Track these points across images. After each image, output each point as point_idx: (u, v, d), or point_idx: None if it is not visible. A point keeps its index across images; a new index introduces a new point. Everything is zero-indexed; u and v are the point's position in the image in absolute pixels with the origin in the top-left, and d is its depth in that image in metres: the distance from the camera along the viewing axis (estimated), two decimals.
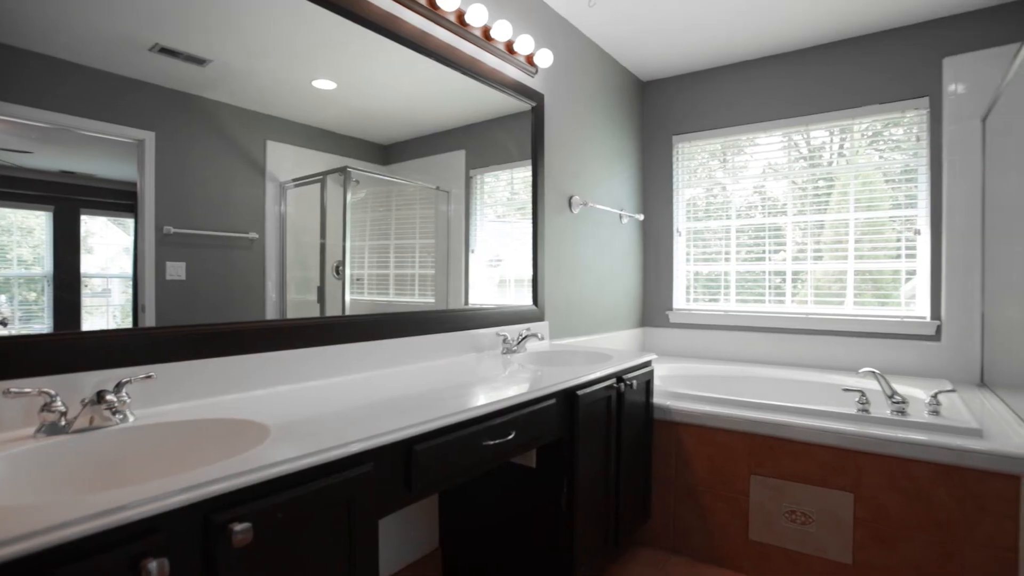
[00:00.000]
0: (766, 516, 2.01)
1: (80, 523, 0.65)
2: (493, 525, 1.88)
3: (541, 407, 1.49)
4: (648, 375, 2.17)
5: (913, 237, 2.76)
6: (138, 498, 0.70)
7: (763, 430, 2.01)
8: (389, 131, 1.81)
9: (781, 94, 3.07)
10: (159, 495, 0.72)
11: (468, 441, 1.24)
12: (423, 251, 1.97)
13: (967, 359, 2.59)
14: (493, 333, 2.16)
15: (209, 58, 1.31)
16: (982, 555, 1.67)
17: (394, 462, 1.09)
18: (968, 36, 2.60)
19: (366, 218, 1.75)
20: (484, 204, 2.24)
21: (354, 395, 1.35)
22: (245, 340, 1.35)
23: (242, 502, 0.81)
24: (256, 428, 1.06)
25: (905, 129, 2.78)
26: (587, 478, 1.77)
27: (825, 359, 2.92)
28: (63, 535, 0.64)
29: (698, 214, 3.39)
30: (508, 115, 2.30)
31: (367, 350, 1.66)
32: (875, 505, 1.83)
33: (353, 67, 1.67)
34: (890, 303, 2.82)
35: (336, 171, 1.65)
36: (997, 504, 1.65)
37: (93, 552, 0.66)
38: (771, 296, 3.15)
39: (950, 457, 1.71)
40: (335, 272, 1.65)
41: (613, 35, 2.86)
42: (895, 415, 1.96)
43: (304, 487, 0.89)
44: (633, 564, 2.13)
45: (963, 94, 2.59)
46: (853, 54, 2.87)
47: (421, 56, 1.87)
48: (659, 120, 3.48)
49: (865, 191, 2.89)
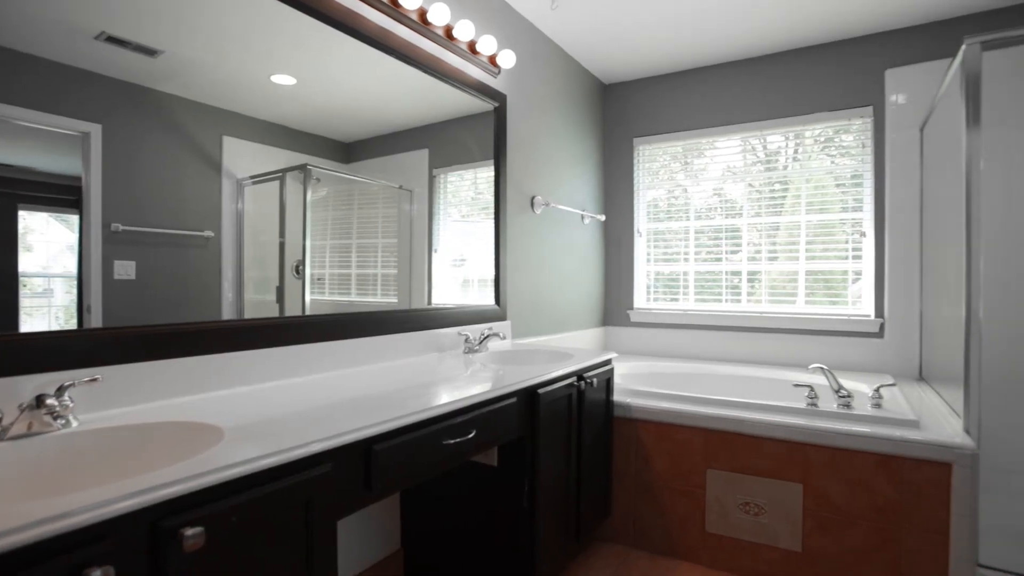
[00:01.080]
0: (722, 508, 2.08)
1: (16, 533, 0.62)
2: (455, 525, 1.88)
3: (502, 406, 1.50)
4: (608, 373, 2.21)
5: (859, 239, 2.90)
6: (81, 505, 0.68)
7: (719, 425, 2.07)
8: (351, 129, 1.79)
9: (738, 99, 3.17)
10: (103, 501, 0.70)
11: (428, 440, 1.24)
12: (386, 251, 1.95)
13: (907, 355, 2.74)
14: (455, 333, 2.16)
15: (160, 49, 1.27)
16: (918, 539, 1.77)
17: (353, 462, 1.08)
18: (908, 49, 2.75)
19: (327, 217, 1.73)
20: (448, 204, 2.24)
21: (314, 395, 1.33)
22: (199, 341, 1.31)
23: (193, 506, 0.80)
24: (209, 431, 1.04)
25: (854, 136, 2.91)
26: (548, 476, 1.79)
27: (778, 356, 3.04)
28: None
29: (659, 215, 3.47)
30: (471, 115, 2.30)
31: (328, 350, 1.64)
32: (822, 495, 1.92)
33: (313, 63, 1.64)
34: (840, 302, 2.95)
35: (296, 168, 1.62)
36: (931, 490, 1.75)
37: (32, 563, 0.64)
38: (728, 295, 3.25)
39: (890, 447, 1.81)
40: (295, 272, 1.62)
41: (576, 38, 2.90)
42: (841, 409, 2.05)
43: (259, 489, 0.88)
44: (594, 559, 2.17)
45: (904, 104, 2.74)
46: (805, 63, 2.99)
47: (383, 54, 1.86)
48: (620, 122, 3.54)
49: (817, 194, 3.01)
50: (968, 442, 1.72)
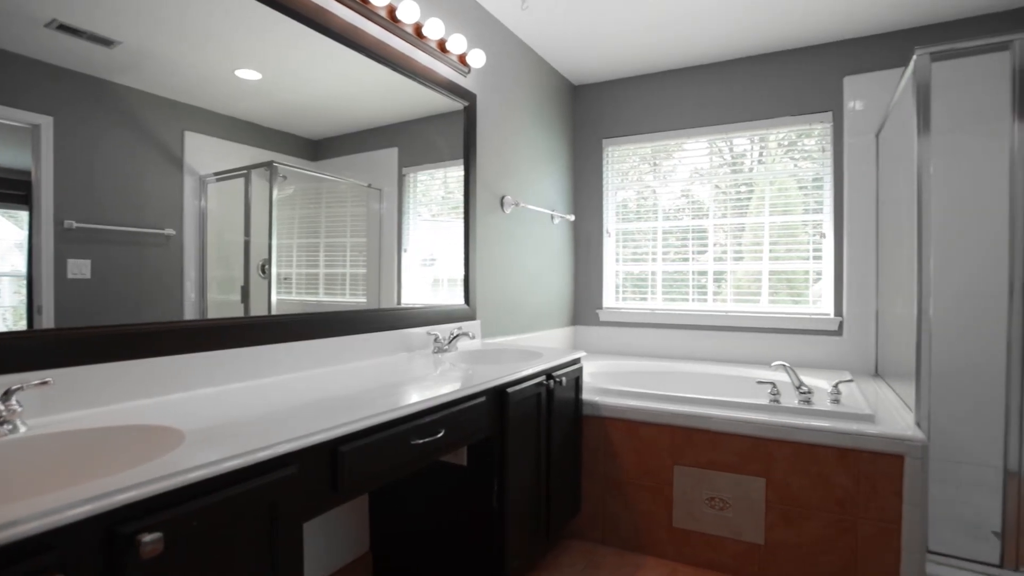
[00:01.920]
0: (688, 504, 2.12)
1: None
2: (424, 525, 1.87)
3: (471, 405, 1.50)
4: (577, 372, 2.23)
5: (820, 240, 3.00)
6: (31, 512, 0.65)
7: (685, 422, 2.11)
8: (319, 126, 1.76)
9: (705, 102, 3.23)
10: (55, 508, 0.67)
11: (396, 440, 1.24)
12: (354, 250, 1.93)
13: (864, 352, 2.84)
14: (424, 332, 2.15)
15: (117, 40, 1.23)
16: (872, 528, 1.84)
17: (320, 463, 1.07)
18: (865, 58, 2.85)
19: (294, 215, 1.70)
20: (418, 203, 2.22)
21: (280, 396, 1.31)
22: (159, 342, 1.28)
23: (151, 511, 0.77)
24: (169, 433, 1.01)
25: (816, 140, 3.00)
26: (518, 475, 1.79)
27: (743, 354, 3.11)
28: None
29: (629, 216, 3.51)
30: (441, 114, 2.29)
31: (294, 350, 1.62)
32: (784, 488, 1.97)
33: (280, 58, 1.61)
34: (802, 301, 3.05)
35: (261, 165, 1.59)
36: (885, 482, 1.82)
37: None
38: (695, 295, 3.31)
39: (847, 441, 1.87)
40: (261, 271, 1.59)
41: (546, 38, 2.91)
42: (802, 405, 2.12)
43: (222, 492, 0.86)
44: (564, 556, 2.18)
45: (861, 110, 2.84)
46: (768, 68, 3.07)
47: (352, 51, 1.84)
48: (590, 124, 3.57)
49: (781, 196, 3.10)
50: (919, 435, 1.80)
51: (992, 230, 2.53)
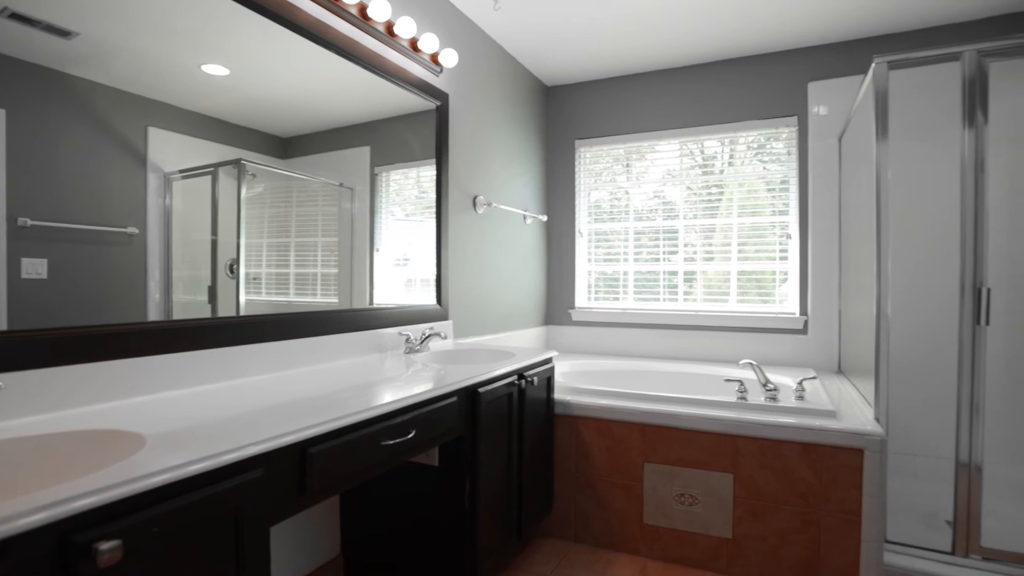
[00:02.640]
0: (658, 500, 2.16)
1: None
2: (397, 526, 1.86)
3: (442, 405, 1.50)
4: (549, 371, 2.25)
5: (786, 241, 3.07)
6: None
7: (655, 420, 2.15)
8: (289, 124, 1.73)
9: (676, 105, 3.28)
10: (6, 516, 0.65)
11: (366, 442, 1.23)
12: (326, 249, 1.91)
13: (828, 349, 2.93)
14: (396, 333, 2.14)
15: (75, 30, 1.19)
16: (834, 520, 1.90)
17: (287, 466, 1.06)
18: (828, 65, 2.93)
19: (264, 214, 1.67)
20: (391, 202, 2.21)
21: (248, 398, 1.29)
22: (122, 343, 1.24)
23: (109, 518, 0.75)
24: (129, 438, 0.99)
25: (783, 143, 3.08)
26: (490, 474, 1.80)
27: (712, 352, 3.17)
28: None
29: (602, 216, 3.55)
30: (413, 113, 2.28)
31: (264, 351, 1.59)
32: (751, 483, 2.02)
33: (248, 54, 1.58)
34: (770, 301, 3.12)
35: (229, 163, 1.56)
36: (846, 475, 1.88)
37: None
38: (666, 295, 3.36)
39: (811, 436, 1.93)
40: (229, 271, 1.56)
41: (518, 39, 2.92)
42: (768, 402, 2.17)
43: (184, 497, 0.84)
44: (537, 555, 2.20)
45: (824, 115, 2.92)
46: (737, 73, 3.13)
47: (322, 48, 1.81)
48: (562, 125, 3.60)
49: (750, 198, 3.17)
50: (878, 429, 1.86)
51: (945, 232, 2.63)
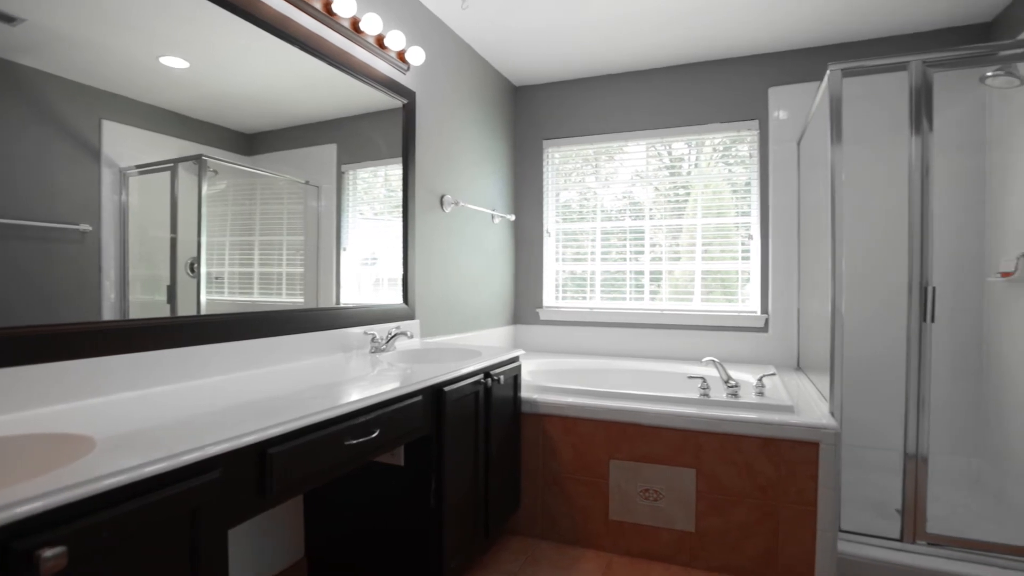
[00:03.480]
0: (623, 496, 2.19)
1: None
2: (362, 527, 1.85)
3: (407, 404, 1.50)
4: (516, 370, 2.26)
5: (748, 241, 3.16)
6: None
7: (620, 417, 2.18)
8: (253, 120, 1.70)
9: (643, 107, 3.34)
10: None
11: (329, 441, 1.22)
12: (291, 248, 1.88)
13: (787, 347, 3.02)
14: (361, 332, 2.12)
15: (20, 16, 1.14)
16: (791, 511, 1.97)
17: (246, 467, 1.04)
18: (788, 70, 3.03)
19: (227, 212, 1.64)
20: (359, 201, 2.19)
21: (207, 399, 1.26)
22: (73, 344, 1.20)
23: (52, 524, 0.73)
24: (77, 441, 0.96)
25: (747, 146, 3.16)
26: (456, 473, 1.80)
27: (676, 351, 3.24)
28: None
29: (571, 216, 3.58)
30: (380, 111, 2.26)
31: (225, 351, 1.56)
32: (713, 477, 2.07)
33: (209, 47, 1.55)
34: (734, 300, 3.20)
35: (190, 159, 1.52)
36: (803, 467, 1.95)
37: None
38: (632, 294, 3.42)
39: (770, 431, 1.99)
40: (189, 270, 1.52)
41: (486, 39, 2.93)
42: (729, 398, 2.23)
43: (135, 501, 0.82)
44: (504, 553, 2.21)
45: (784, 120, 3.01)
46: (702, 76, 3.20)
47: (285, 43, 1.79)
48: (530, 125, 3.62)
49: (715, 200, 3.25)
50: (832, 423, 1.93)
51: (895, 234, 2.75)
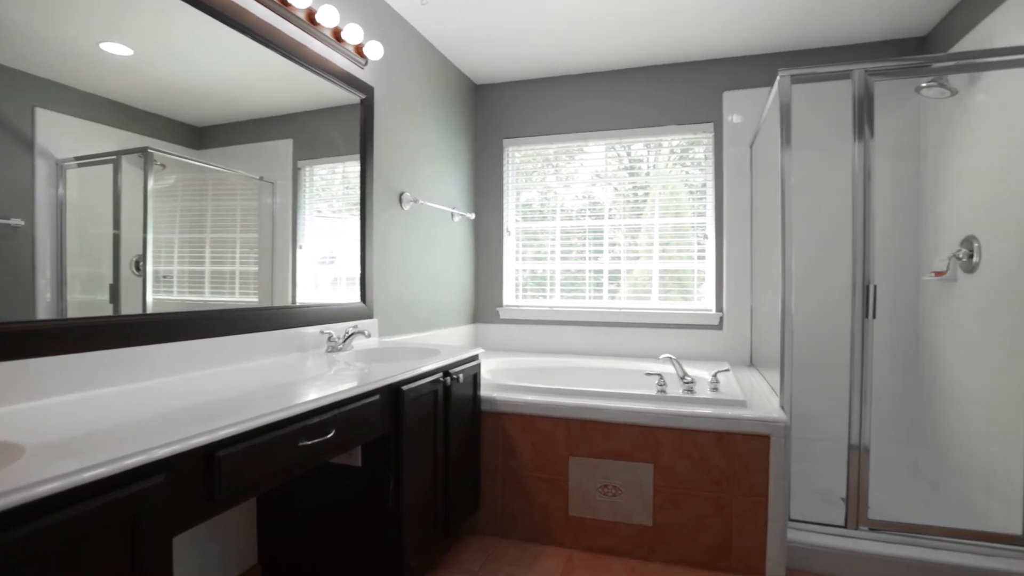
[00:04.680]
0: (583, 493, 2.21)
1: None
2: (319, 530, 1.81)
3: (363, 404, 1.48)
4: (475, 369, 2.26)
5: (703, 241, 3.24)
6: None
7: (579, 415, 2.20)
8: (203, 112, 1.64)
9: (603, 108, 3.38)
10: None
11: (281, 443, 1.19)
12: (245, 246, 1.82)
13: (741, 344, 3.12)
14: (317, 332, 2.07)
15: None
16: (744, 503, 2.03)
17: (192, 471, 1.00)
18: (741, 75, 3.12)
19: (176, 207, 1.57)
20: (316, 198, 2.14)
21: (153, 401, 1.21)
22: (2, 344, 1.13)
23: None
24: (3, 449, 0.90)
25: (703, 148, 3.25)
26: (415, 473, 1.78)
27: (635, 348, 3.30)
28: None
29: (532, 216, 3.59)
30: (338, 106, 2.22)
31: (173, 352, 1.50)
32: (670, 472, 2.12)
33: (155, 34, 1.48)
34: (690, 298, 3.28)
35: (134, 151, 1.45)
36: (755, 460, 2.01)
37: None
38: (591, 293, 3.46)
39: (724, 425, 2.05)
40: (134, 268, 1.46)
41: (447, 36, 2.91)
42: (685, 394, 2.29)
43: (67, 511, 0.77)
44: (464, 552, 2.20)
45: (738, 123, 3.11)
46: (659, 79, 3.27)
47: (237, 32, 1.73)
48: (491, 123, 3.62)
49: (673, 200, 3.32)
50: (783, 416, 2.00)
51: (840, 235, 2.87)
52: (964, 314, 2.39)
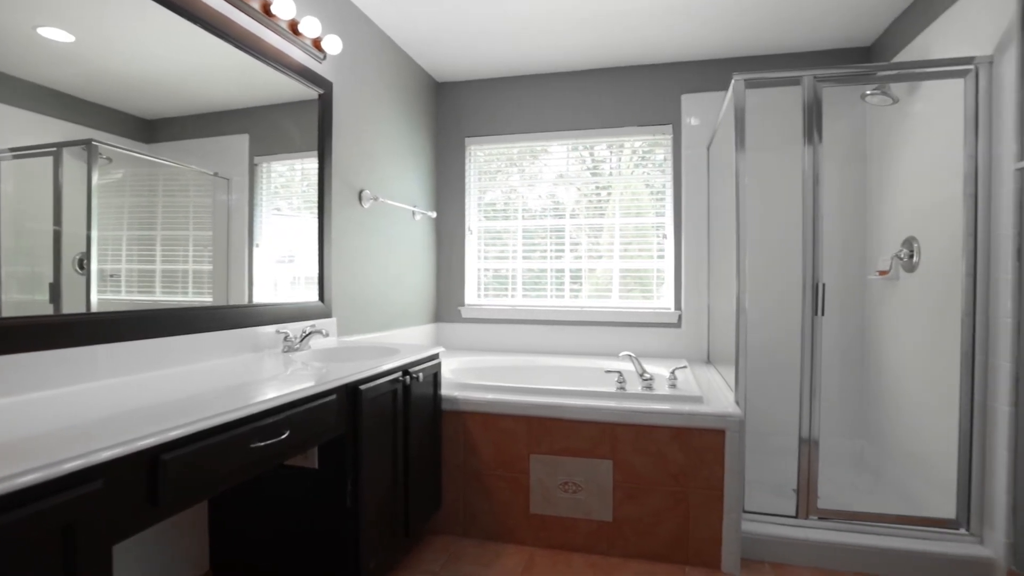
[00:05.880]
0: (544, 490, 2.23)
1: None
2: (274, 534, 1.77)
3: (319, 404, 1.45)
4: (436, 367, 2.24)
5: (663, 241, 3.31)
6: None
7: (540, 412, 2.22)
8: (153, 104, 1.58)
9: (565, 108, 3.41)
10: None
11: (232, 444, 1.15)
12: (198, 244, 1.77)
13: (698, 341, 3.19)
14: (273, 331, 2.03)
15: None
16: (701, 496, 2.08)
17: (134, 475, 0.97)
18: (699, 79, 3.20)
19: (123, 203, 1.51)
20: (276, 196, 2.09)
21: (95, 404, 1.16)
22: None
23: None
24: None
25: (664, 150, 3.31)
26: (373, 473, 1.76)
27: (596, 346, 3.34)
28: None
29: (495, 215, 3.59)
30: (296, 101, 2.17)
31: (120, 352, 1.44)
32: (629, 468, 2.15)
33: (98, 19, 1.42)
34: (650, 297, 3.34)
35: (77, 143, 1.39)
36: (710, 454, 2.06)
37: None
38: (553, 292, 3.49)
39: (681, 420, 2.09)
40: (78, 267, 1.39)
41: (408, 32, 2.88)
42: (644, 390, 2.33)
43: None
44: (425, 553, 2.19)
45: (696, 126, 3.18)
46: (621, 80, 3.32)
47: (187, 21, 1.67)
48: (453, 121, 3.60)
49: (635, 201, 3.37)
50: (737, 411, 2.06)
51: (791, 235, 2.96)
52: (905, 312, 2.51)
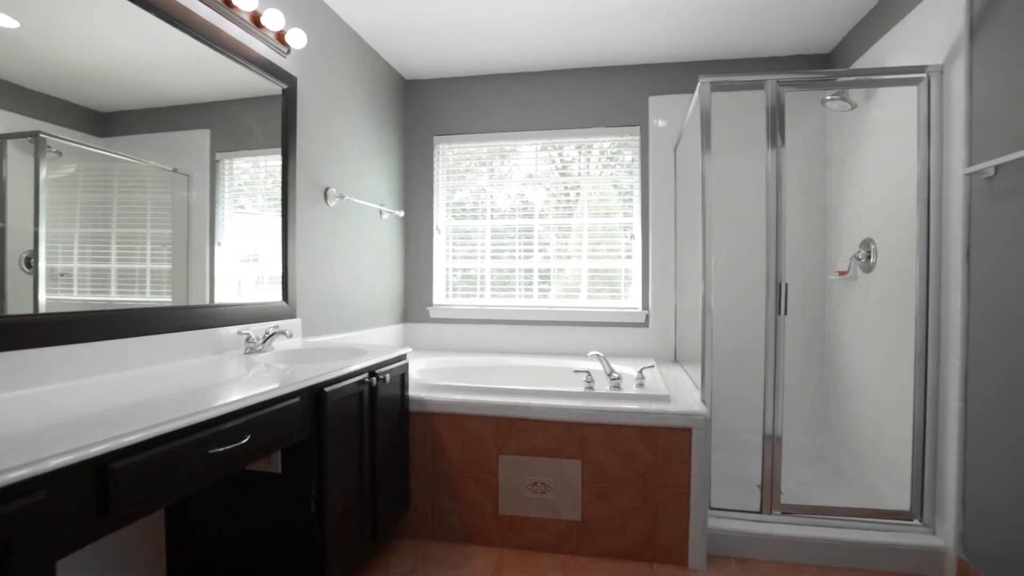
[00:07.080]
0: (513, 491, 2.22)
1: None
2: (237, 541, 1.71)
3: (282, 407, 1.41)
4: (403, 368, 2.21)
5: (630, 241, 3.34)
6: None
7: (508, 413, 2.21)
8: (108, 96, 1.51)
9: (533, 108, 3.41)
10: None
11: (189, 450, 1.11)
12: (156, 242, 1.70)
13: (666, 340, 3.24)
14: (235, 332, 1.97)
15: None
16: (668, 494, 2.10)
17: (81, 485, 0.92)
18: (666, 81, 3.24)
19: (76, 199, 1.44)
20: (239, 193, 2.03)
21: (40, 409, 1.10)
22: None
23: None
24: None
25: (631, 151, 3.34)
26: (339, 477, 1.72)
27: (564, 346, 3.35)
28: None
29: (464, 215, 3.57)
30: (259, 96, 2.12)
31: (71, 355, 1.37)
32: (597, 467, 2.16)
33: (45, 5, 1.35)
34: (618, 297, 3.37)
35: (24, 136, 1.32)
36: (677, 452, 2.09)
37: None
38: (522, 291, 3.49)
39: (648, 419, 2.11)
40: (24, 265, 1.32)
41: (375, 28, 2.84)
42: (612, 390, 2.34)
43: None
44: (393, 556, 2.15)
45: (663, 127, 3.23)
46: (589, 81, 3.34)
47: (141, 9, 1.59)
48: (421, 120, 3.57)
49: (603, 201, 3.40)
50: (704, 410, 2.09)
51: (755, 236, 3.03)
52: (863, 311, 2.59)
